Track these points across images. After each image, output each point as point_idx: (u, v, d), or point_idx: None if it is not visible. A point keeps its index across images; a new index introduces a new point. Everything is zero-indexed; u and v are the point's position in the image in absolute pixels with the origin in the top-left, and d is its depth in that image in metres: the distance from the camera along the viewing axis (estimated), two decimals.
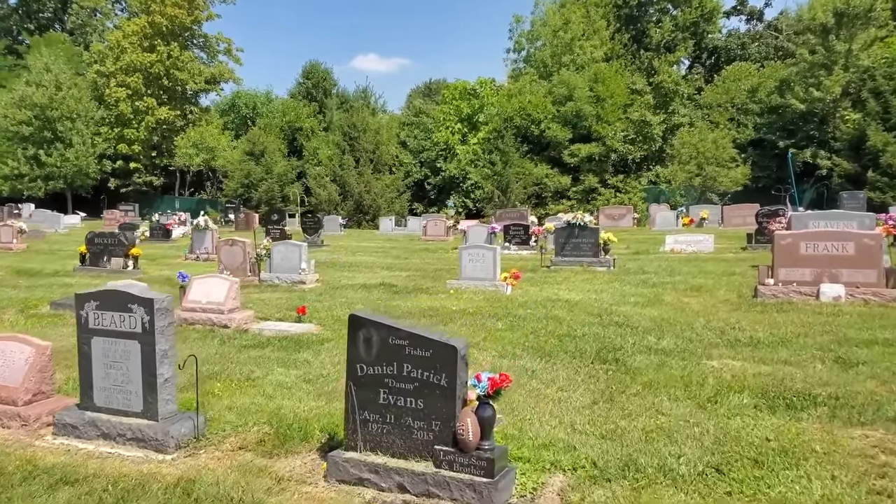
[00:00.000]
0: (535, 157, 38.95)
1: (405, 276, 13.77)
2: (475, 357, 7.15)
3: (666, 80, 40.72)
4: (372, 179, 36.64)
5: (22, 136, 42.09)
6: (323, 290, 11.83)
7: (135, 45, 45.66)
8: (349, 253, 19.34)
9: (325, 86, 51.60)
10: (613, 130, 38.12)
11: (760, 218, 17.88)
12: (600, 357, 7.09)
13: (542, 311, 9.57)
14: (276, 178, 39.60)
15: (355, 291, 11.63)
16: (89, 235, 14.95)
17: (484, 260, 11.62)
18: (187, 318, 9.28)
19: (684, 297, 10.52)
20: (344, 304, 10.35)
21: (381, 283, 12.49)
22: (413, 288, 11.86)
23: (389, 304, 10.26)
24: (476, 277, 11.66)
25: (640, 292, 11.05)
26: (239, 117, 48.62)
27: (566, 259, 14.75)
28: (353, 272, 14.67)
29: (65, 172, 42.71)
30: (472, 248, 11.80)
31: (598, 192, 38.14)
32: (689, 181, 34.13)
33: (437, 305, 10.08)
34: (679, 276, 12.70)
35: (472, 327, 8.60)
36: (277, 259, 13.03)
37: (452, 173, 39.29)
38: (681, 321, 8.73)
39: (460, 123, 41.42)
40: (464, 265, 11.79)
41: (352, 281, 12.99)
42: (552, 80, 39.78)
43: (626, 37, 44.08)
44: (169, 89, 47.65)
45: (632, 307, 9.77)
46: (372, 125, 38.48)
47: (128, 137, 45.71)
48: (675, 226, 25.54)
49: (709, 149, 33.05)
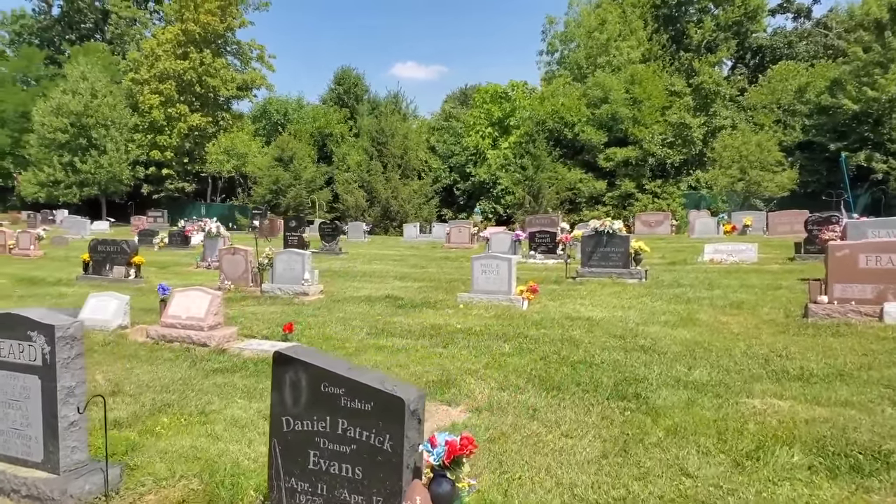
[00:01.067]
0: (569, 161, 37.65)
1: (416, 288, 12.79)
2: (470, 389, 6.12)
3: (707, 80, 38.97)
4: (399, 185, 35.82)
5: (58, 143, 42.60)
6: (323, 304, 10.92)
7: (168, 53, 45.96)
8: (366, 261, 18.45)
9: (356, 91, 51.23)
10: (651, 133, 36.61)
11: (811, 226, 16.36)
12: (618, 391, 5.97)
13: (559, 331, 8.46)
14: (305, 185, 39.13)
15: (357, 305, 10.69)
16: (92, 243, 14.38)
17: (498, 272, 10.56)
18: (166, 335, 8.47)
19: (723, 316, 9.27)
20: (340, 320, 9.42)
21: (387, 295, 11.52)
22: (420, 301, 10.86)
23: (388, 321, 9.28)
24: (489, 291, 10.60)
25: (673, 309, 9.84)
26: (270, 123, 48.45)
27: (593, 270, 13.56)
28: (364, 282, 13.76)
29: (99, 179, 43.07)
30: (485, 258, 10.75)
31: (635, 197, 36.62)
32: (732, 186, 32.39)
33: (440, 323, 9.06)
34: (718, 291, 11.42)
35: (474, 350, 7.55)
36: (280, 269, 12.20)
37: (482, 178, 38.20)
38: (717, 346, 7.53)
39: (491, 127, 40.35)
40: (476, 277, 10.75)
41: (357, 293, 12.05)
42: (586, 81, 38.46)
43: (664, 37, 42.50)
44: (201, 96, 47.78)
45: (661, 327, 8.58)
46: (400, 130, 37.70)
47: (160, 144, 45.93)
48: (716, 233, 24.01)
49: (752, 152, 31.31)
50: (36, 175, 43.20)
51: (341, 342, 8.14)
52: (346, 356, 7.40)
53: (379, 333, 8.57)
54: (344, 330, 8.82)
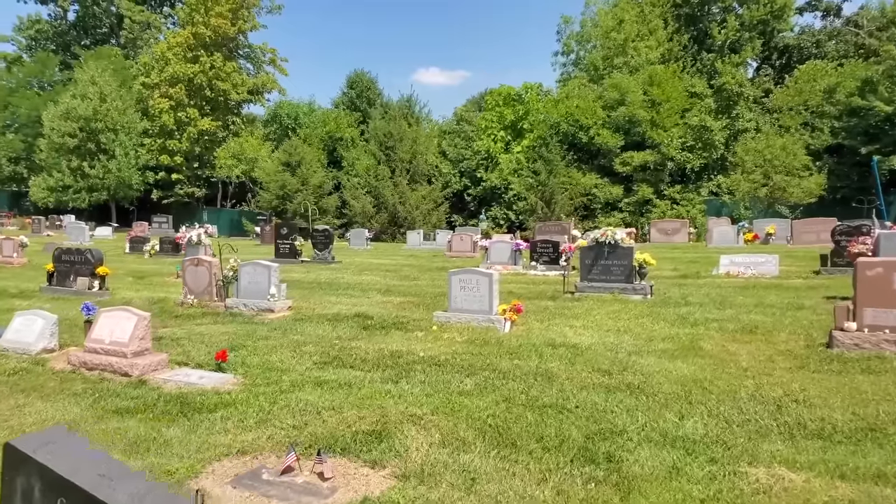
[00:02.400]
0: (584, 165, 36.29)
1: (396, 304, 11.64)
2: (406, 443, 4.95)
3: (729, 81, 37.31)
4: (407, 190, 34.74)
5: (67, 148, 42.31)
6: (285, 322, 9.82)
7: (178, 57, 45.52)
8: (356, 271, 17.36)
9: (369, 95, 50.36)
10: (670, 137, 35.09)
11: (838, 236, 14.89)
12: (587, 451, 4.76)
13: (535, 362, 7.24)
14: (313, 190, 38.24)
15: (320, 325, 9.56)
16: (56, 252, 13.47)
17: (477, 288, 9.37)
18: (87, 362, 7.42)
19: (731, 344, 7.97)
20: (292, 345, 8.30)
21: (358, 313, 10.38)
22: (392, 321, 9.71)
23: (346, 347, 8.13)
24: (467, 310, 9.42)
25: (675, 334, 8.56)
26: (281, 128, 47.74)
27: (593, 284, 12.31)
28: (342, 296, 12.64)
29: (108, 184, 42.70)
30: (464, 273, 9.56)
31: (653, 203, 35.11)
32: (754, 192, 30.76)
33: (402, 350, 7.89)
34: (730, 310, 10.11)
35: (428, 388, 6.38)
36: (245, 282, 11.14)
37: (494, 183, 36.93)
38: (720, 385, 6.26)
39: (504, 131, 39.10)
40: (453, 294, 9.57)
41: (328, 309, 10.93)
42: (603, 83, 37.06)
43: (685, 37, 40.94)
44: (211, 100, 47.25)
45: (657, 359, 7.32)
46: (409, 134, 36.62)
47: (170, 148, 45.46)
48: (735, 243, 22.52)
49: (777, 156, 29.68)
50: (45, 180, 42.97)
51: (281, 374, 7.02)
52: (278, 393, 6.29)
53: (329, 363, 7.43)
54: (291, 357, 7.70)
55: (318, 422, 5.46)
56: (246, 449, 4.95)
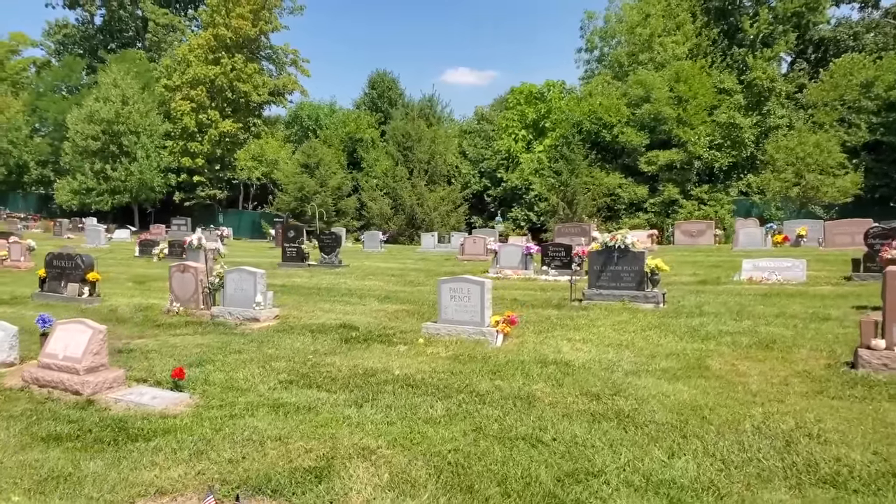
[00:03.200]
0: (607, 165, 35.26)
1: (390, 312, 11.02)
2: (347, 485, 4.33)
3: (760, 76, 35.90)
4: (425, 191, 34.12)
5: (90, 150, 42.68)
6: (265, 334, 9.26)
7: (199, 59, 45.60)
8: (360, 276, 16.79)
9: (390, 95, 49.89)
10: (697, 135, 33.89)
11: (872, 238, 13.85)
12: (554, 499, 4.07)
13: (518, 382, 6.54)
14: (331, 192, 37.88)
15: (301, 337, 8.97)
16: (48, 257, 13.15)
17: (469, 297, 8.70)
18: (39, 379, 6.94)
19: (743, 362, 7.17)
20: (264, 360, 7.72)
21: (345, 323, 9.78)
22: (377, 333, 9.08)
23: (318, 363, 7.53)
24: (458, 321, 8.74)
25: (681, 350, 7.78)
26: (301, 129, 47.55)
27: (601, 292, 11.53)
28: (336, 304, 12.06)
29: (130, 186, 42.96)
30: (454, 281, 8.89)
31: (679, 204, 33.93)
32: (785, 191, 29.45)
33: (378, 367, 7.25)
34: (747, 322, 9.26)
35: (393, 413, 5.73)
36: (230, 290, 10.63)
37: (514, 184, 36.08)
38: (721, 414, 5.49)
39: (525, 130, 38.21)
40: (443, 305, 8.90)
41: (315, 319, 10.36)
42: (627, 80, 35.97)
43: (714, 32, 39.57)
44: (233, 102, 47.27)
45: (656, 380, 6.56)
46: (427, 134, 36.00)
47: (192, 151, 45.56)
48: (763, 245, 21.41)
49: (810, 153, 28.33)
50: (69, 183, 43.43)
51: (240, 394, 6.44)
52: (227, 418, 5.70)
53: (295, 381, 6.83)
54: (258, 374, 7.11)
55: (258, 455, 4.85)
56: (166, 489, 4.36)
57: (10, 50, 59.02)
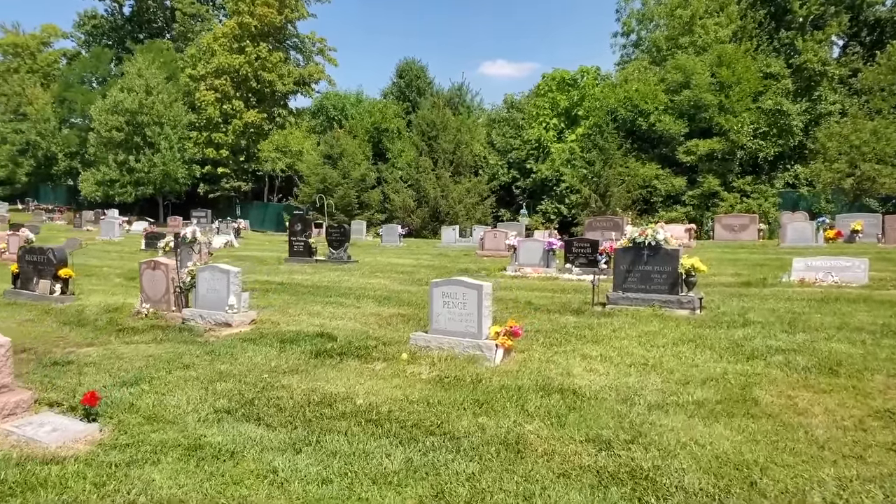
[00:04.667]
0: (643, 155, 33.33)
1: (383, 317, 9.66)
2: None
3: (811, 59, 33.47)
4: (450, 183, 32.67)
5: (114, 142, 42.37)
6: (230, 343, 7.98)
7: (224, 48, 44.90)
8: (366, 273, 15.48)
9: (418, 84, 48.56)
10: (740, 123, 31.75)
11: None
12: None
13: (510, 419, 5.11)
14: (354, 184, 36.72)
15: (265, 349, 7.65)
16: (20, 251, 12.15)
17: (464, 304, 7.27)
18: None
19: (800, 392, 5.60)
20: (212, 379, 6.43)
21: (324, 332, 8.44)
22: (357, 345, 7.72)
23: (272, 385, 6.19)
24: (451, 332, 7.33)
25: (721, 373, 6.23)
26: (327, 119, 46.51)
27: (628, 296, 9.98)
28: (328, 305, 10.75)
29: (153, 178, 42.56)
30: (448, 284, 7.47)
31: (720, 196, 31.86)
32: (838, 183, 27.20)
33: (341, 392, 5.89)
34: (802, 336, 7.64)
35: (335, 464, 4.35)
36: (203, 290, 9.41)
37: (544, 175, 34.35)
38: (779, 477, 3.99)
39: (556, 118, 36.39)
40: (435, 312, 7.50)
41: (295, 324, 9.06)
42: (665, 65, 33.93)
43: (760, 14, 37.13)
44: (257, 91, 46.52)
45: (687, 418, 5.05)
46: (453, 123, 34.49)
47: (216, 142, 44.96)
48: (814, 241, 19.44)
49: (867, 141, 26.05)
50: (94, 174, 43.21)
51: (160, 428, 5.14)
52: (124, 466, 4.40)
53: (233, 411, 5.50)
54: (196, 399, 5.81)
55: None
56: None
57: (42, 42, 59.40)
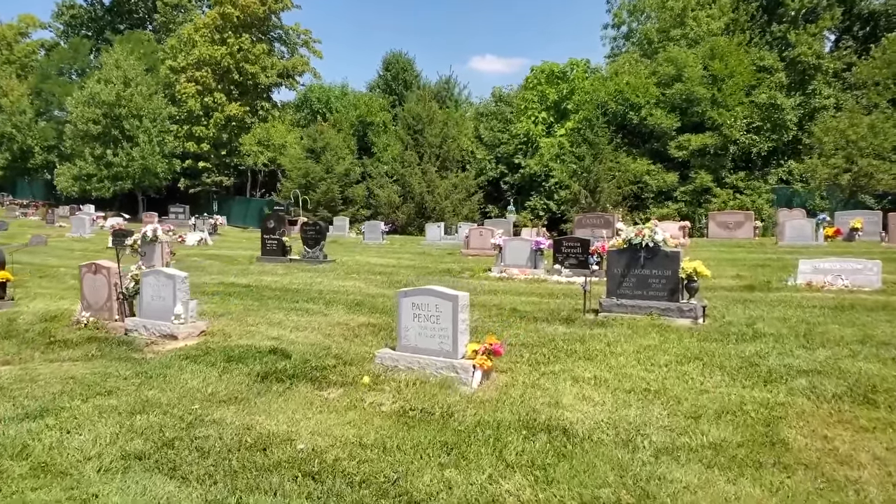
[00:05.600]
0: (634, 150, 32.47)
1: (352, 328, 8.66)
2: None
3: (805, 52, 32.71)
4: (436, 178, 31.64)
5: (91, 135, 40.99)
6: (168, 361, 6.95)
7: (205, 39, 43.58)
8: (342, 275, 14.45)
9: (405, 77, 47.42)
10: (733, 117, 30.94)
11: None
12: None
13: (483, 475, 4.12)
14: (338, 178, 35.62)
15: (206, 370, 6.61)
16: None
17: (437, 318, 6.29)
18: None
19: (836, 430, 4.66)
20: (134, 410, 5.40)
21: (277, 347, 7.42)
22: (314, 364, 6.71)
23: (199, 422, 5.19)
24: (423, 349, 6.36)
25: (737, 402, 5.28)
26: (311, 113, 45.30)
27: (624, 303, 9.04)
28: (292, 312, 9.72)
29: (132, 172, 41.22)
30: (418, 294, 6.48)
31: (713, 192, 31.06)
32: (835, 179, 26.45)
33: (280, 431, 4.88)
34: (822, 351, 6.72)
35: None
36: (148, 296, 8.38)
37: (533, 170, 33.38)
38: None
39: (545, 112, 35.42)
40: (403, 325, 6.52)
41: (248, 338, 8.04)
42: (657, 58, 33.05)
43: (753, 6, 36.33)
44: (240, 84, 45.21)
45: (704, 468, 4.09)
46: (439, 116, 33.44)
47: (197, 135, 43.66)
48: (814, 240, 18.62)
49: (863, 136, 25.29)
50: (70, 168, 41.80)
51: (43, 483, 4.13)
52: None
53: (145, 457, 4.49)
54: (108, 437, 4.79)
55: None
56: None
57: (20, 32, 57.68)
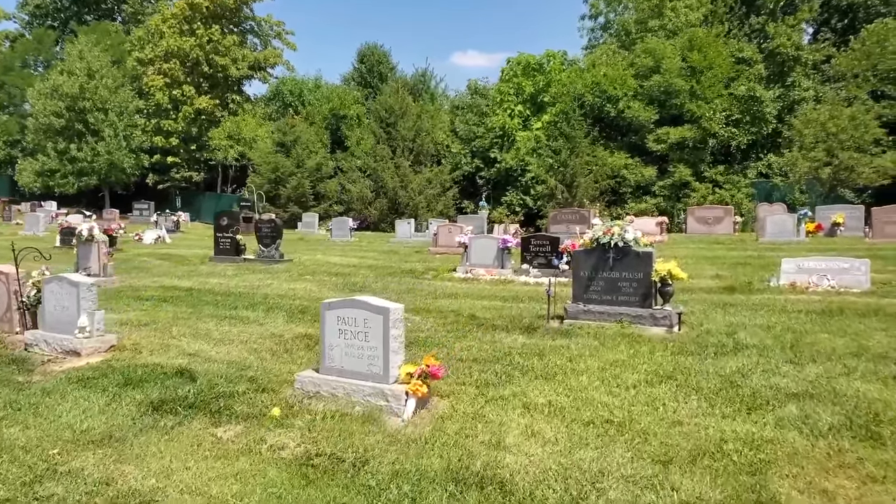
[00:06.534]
0: (611, 143, 31.73)
1: (282, 342, 7.68)
2: None
3: (784, 43, 32.15)
4: (409, 173, 30.64)
5: (54, 129, 39.46)
6: (58, 384, 5.93)
7: (173, 30, 42.15)
8: (295, 276, 13.44)
9: (380, 70, 46.32)
10: (712, 110, 30.32)
11: None
12: None
13: None
14: (309, 173, 34.49)
15: (95, 395, 5.61)
16: None
17: (366, 334, 5.36)
18: None
19: (840, 482, 3.79)
20: None
21: (185, 368, 6.43)
22: (221, 390, 5.73)
23: (58, 468, 4.22)
24: (350, 371, 5.42)
25: (716, 438, 4.40)
26: (283, 106, 44.05)
27: (591, 308, 8.18)
28: (224, 322, 8.73)
29: (97, 168, 39.77)
30: (343, 306, 5.53)
31: (691, 187, 30.42)
32: (815, 172, 25.87)
33: (142, 491, 3.92)
34: (814, 368, 5.89)
35: None
36: (50, 307, 7.36)
37: (509, 165, 32.48)
38: None
39: (522, 105, 34.53)
40: (328, 344, 5.57)
41: (160, 355, 7.03)
42: (635, 49, 32.31)
43: None
44: (210, 77, 43.86)
45: None
46: (413, 109, 32.42)
47: (165, 129, 42.27)
48: (795, 236, 17.93)
49: (844, 129, 24.71)
50: (32, 164, 40.22)
51: None
52: None
53: None
54: None
55: None
56: None
57: None
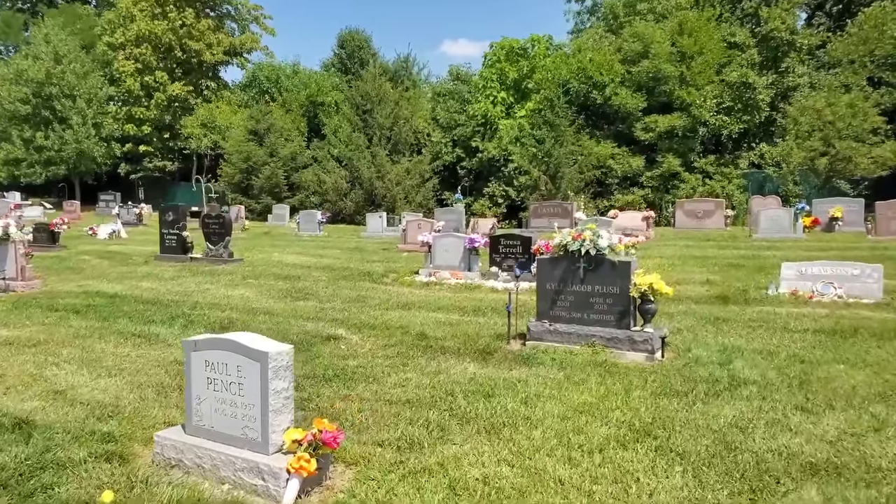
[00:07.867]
0: (597, 132, 30.39)
1: (176, 374, 6.32)
2: None
3: (778, 27, 30.83)
4: (387, 163, 29.21)
5: (19, 116, 37.77)
6: None
7: (145, 13, 40.40)
8: (239, 279, 12.05)
9: (361, 56, 44.65)
10: (703, 96, 29.01)
11: None
12: None
13: None
14: (283, 162, 32.99)
15: None
16: None
17: (241, 385, 4.02)
18: None
19: None
20: None
21: (25, 420, 5.08)
22: (57, 454, 4.38)
23: None
24: (220, 434, 4.09)
25: None
26: (259, 93, 42.42)
27: (557, 329, 6.88)
28: (126, 341, 7.36)
29: (66, 156, 38.15)
30: (211, 347, 4.20)
31: (681, 178, 29.13)
32: (811, 163, 24.65)
33: None
34: (833, 418, 4.61)
35: None
36: None
37: (491, 154, 31.07)
38: None
39: (505, 92, 33.08)
40: (194, 395, 4.24)
41: (16, 394, 5.68)
42: (622, 33, 30.92)
43: None
44: (183, 62, 42.17)
45: None
46: (391, 95, 30.94)
47: (137, 117, 40.62)
48: (792, 232, 16.68)
49: (842, 117, 23.47)
50: None
51: None
52: None
53: None
54: None
55: None
56: None
57: None
